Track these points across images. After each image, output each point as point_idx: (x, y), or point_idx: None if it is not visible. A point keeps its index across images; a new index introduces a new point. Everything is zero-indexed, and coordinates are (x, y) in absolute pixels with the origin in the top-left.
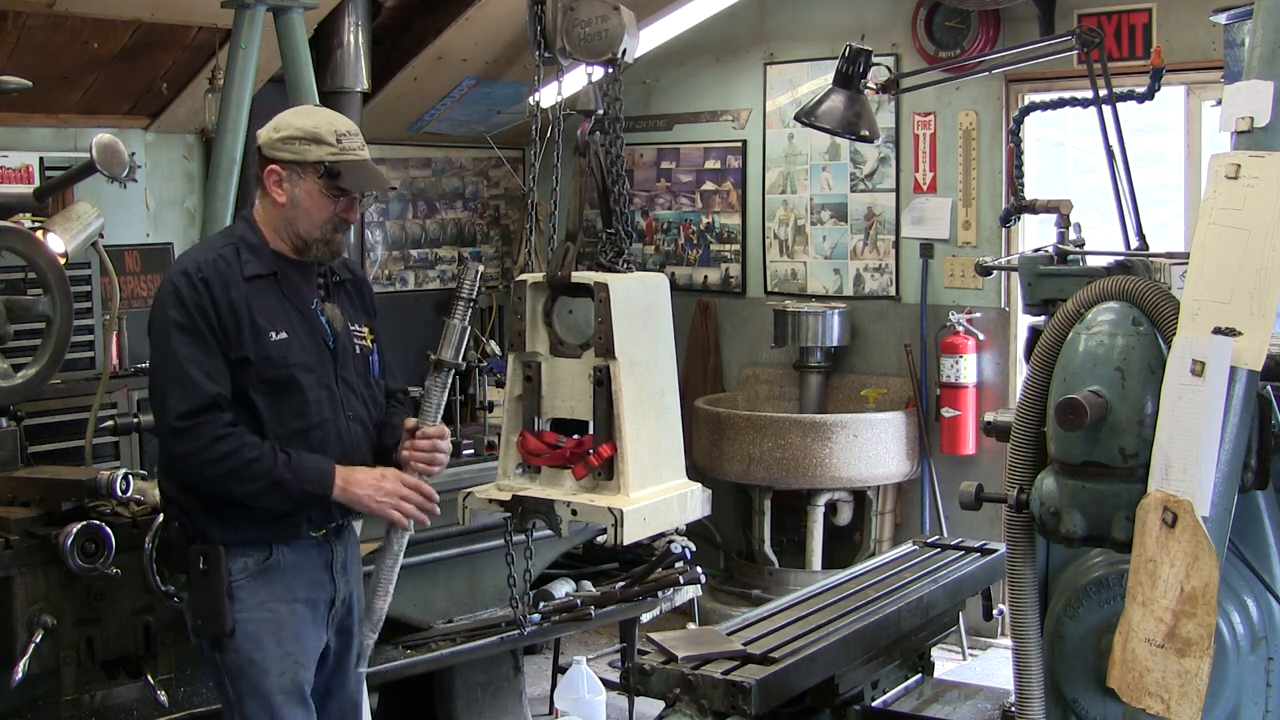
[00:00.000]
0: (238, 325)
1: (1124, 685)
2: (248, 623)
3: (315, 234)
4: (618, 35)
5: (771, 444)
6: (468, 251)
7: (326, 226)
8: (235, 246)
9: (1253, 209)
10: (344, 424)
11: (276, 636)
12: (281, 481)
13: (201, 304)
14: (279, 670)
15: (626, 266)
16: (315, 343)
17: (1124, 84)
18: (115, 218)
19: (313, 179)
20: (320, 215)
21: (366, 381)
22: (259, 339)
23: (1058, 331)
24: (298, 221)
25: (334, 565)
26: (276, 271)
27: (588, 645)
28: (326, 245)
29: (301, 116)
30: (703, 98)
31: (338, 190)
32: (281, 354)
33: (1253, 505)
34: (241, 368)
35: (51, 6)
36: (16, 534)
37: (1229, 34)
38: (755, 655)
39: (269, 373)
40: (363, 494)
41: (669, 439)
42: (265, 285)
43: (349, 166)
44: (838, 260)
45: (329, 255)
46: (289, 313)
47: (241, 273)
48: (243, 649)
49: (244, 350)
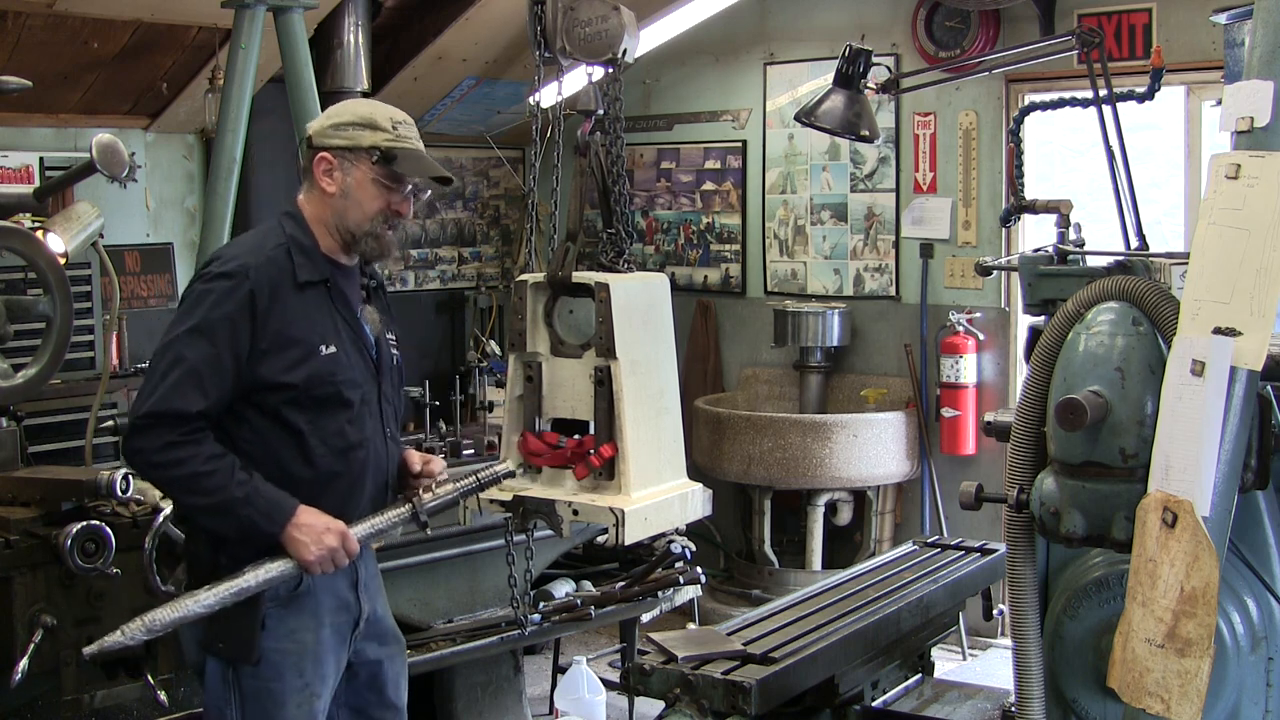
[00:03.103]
0: (280, 344)
1: (1124, 685)
2: (273, 653)
3: (366, 226)
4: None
5: (771, 444)
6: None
7: (378, 219)
8: (287, 248)
9: (1253, 209)
10: (381, 442)
11: (299, 668)
12: (230, 503)
13: (235, 317)
14: (295, 702)
15: (627, 266)
16: (361, 355)
17: (1124, 84)
18: (115, 218)
19: (366, 166)
20: (372, 206)
21: (398, 395)
22: (309, 355)
23: (1058, 331)
24: (348, 213)
25: (358, 584)
26: (329, 278)
27: (588, 645)
28: (376, 241)
29: (357, 105)
30: (703, 98)
31: (392, 179)
32: (330, 370)
33: (1253, 505)
34: (283, 390)
35: (51, 6)
36: (16, 534)
37: (1229, 34)
38: (755, 655)
39: (318, 390)
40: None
41: (670, 439)
42: (317, 293)
43: (405, 153)
44: (838, 260)
45: (378, 254)
46: (339, 323)
47: (295, 279)
48: (263, 677)
49: (286, 374)
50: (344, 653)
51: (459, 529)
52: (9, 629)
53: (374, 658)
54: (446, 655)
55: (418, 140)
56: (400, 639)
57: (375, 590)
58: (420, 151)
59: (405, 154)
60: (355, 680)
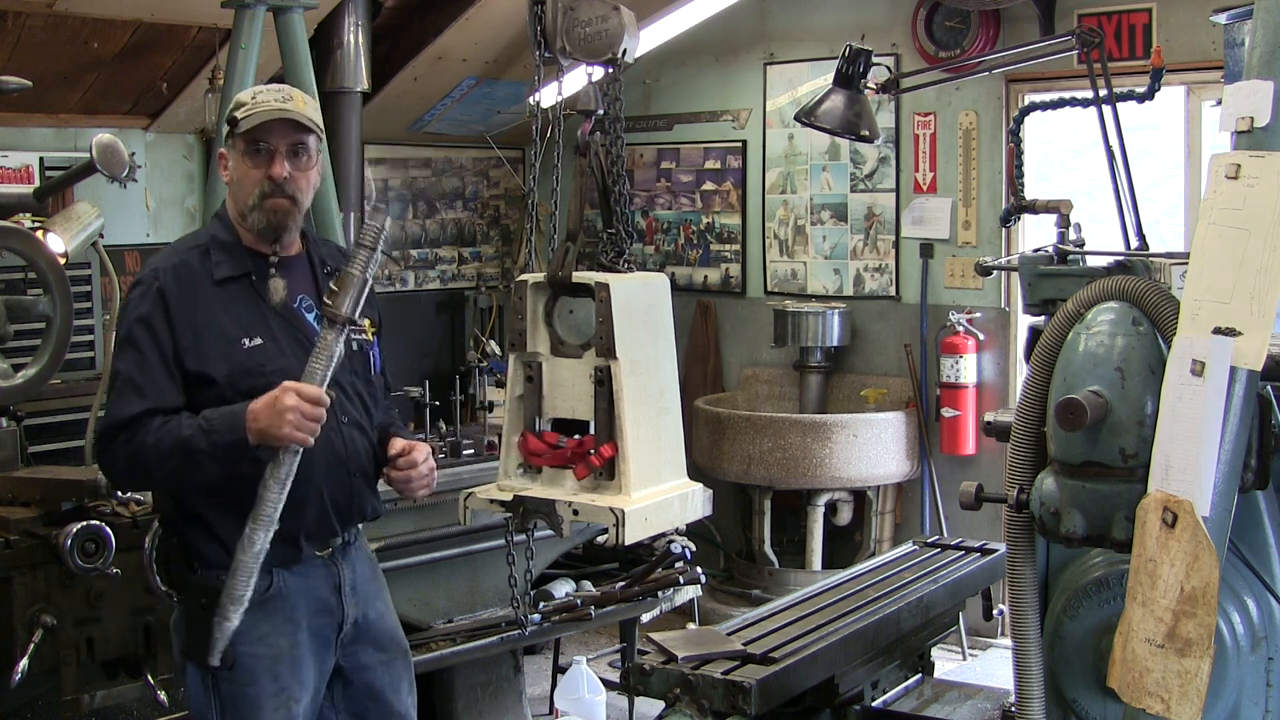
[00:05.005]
0: (197, 338)
1: (1124, 685)
2: (245, 657)
3: (249, 202)
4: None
5: (771, 444)
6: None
7: (255, 192)
8: (205, 248)
9: (1253, 209)
10: (337, 430)
11: (273, 672)
12: (189, 447)
13: (150, 318)
14: (272, 707)
15: (627, 266)
16: (297, 345)
17: (1124, 84)
18: (115, 218)
19: (240, 145)
20: (249, 181)
21: (366, 380)
22: (230, 349)
23: (1058, 331)
24: (238, 197)
25: (342, 588)
26: (251, 272)
27: (588, 645)
28: (264, 215)
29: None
30: (703, 98)
31: (253, 146)
32: (257, 362)
33: (1253, 505)
34: (208, 385)
35: (51, 6)
36: (16, 534)
37: (1229, 34)
38: (755, 655)
39: (245, 383)
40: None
41: (670, 439)
42: (239, 288)
43: (257, 116)
44: (838, 260)
45: (271, 225)
46: (265, 315)
47: (211, 276)
48: (238, 681)
49: (208, 366)
50: (328, 657)
51: (459, 529)
52: (9, 629)
53: (369, 664)
54: (446, 655)
55: (279, 101)
56: (403, 645)
57: (370, 594)
58: (274, 108)
59: (257, 117)
60: (351, 688)
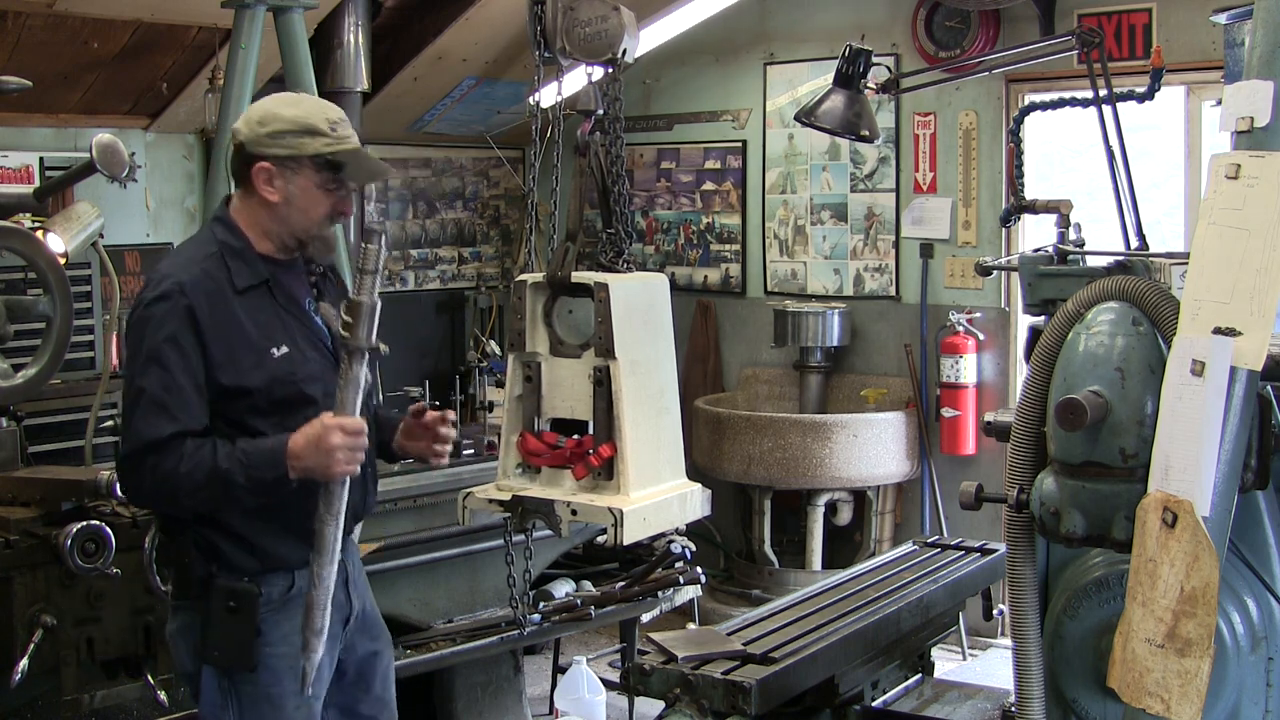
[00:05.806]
0: (231, 351)
1: (1124, 685)
2: (271, 657)
3: (313, 231)
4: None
5: (771, 444)
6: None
7: (324, 222)
8: (219, 255)
9: (1253, 209)
10: None
11: (295, 670)
12: (228, 481)
13: (179, 336)
14: (295, 705)
15: (626, 266)
16: (317, 349)
17: (1124, 84)
18: (115, 218)
19: (310, 173)
20: (318, 212)
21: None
22: (262, 360)
23: (1058, 331)
24: (293, 220)
25: (348, 581)
26: (268, 279)
27: (588, 645)
28: (323, 242)
29: (286, 106)
30: (703, 98)
31: (337, 184)
32: (287, 371)
33: (1253, 505)
34: (243, 397)
35: (51, 6)
36: (16, 534)
37: (1229, 34)
38: (755, 655)
39: (278, 393)
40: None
41: (669, 439)
42: (259, 296)
43: (349, 157)
44: (838, 260)
45: (324, 252)
46: (287, 322)
47: (233, 285)
48: (262, 683)
49: (244, 379)
50: (336, 651)
51: (458, 529)
52: (9, 629)
53: (363, 652)
54: (446, 655)
55: (354, 137)
56: (388, 634)
57: (364, 586)
58: (360, 150)
59: (349, 157)
60: (343, 679)
